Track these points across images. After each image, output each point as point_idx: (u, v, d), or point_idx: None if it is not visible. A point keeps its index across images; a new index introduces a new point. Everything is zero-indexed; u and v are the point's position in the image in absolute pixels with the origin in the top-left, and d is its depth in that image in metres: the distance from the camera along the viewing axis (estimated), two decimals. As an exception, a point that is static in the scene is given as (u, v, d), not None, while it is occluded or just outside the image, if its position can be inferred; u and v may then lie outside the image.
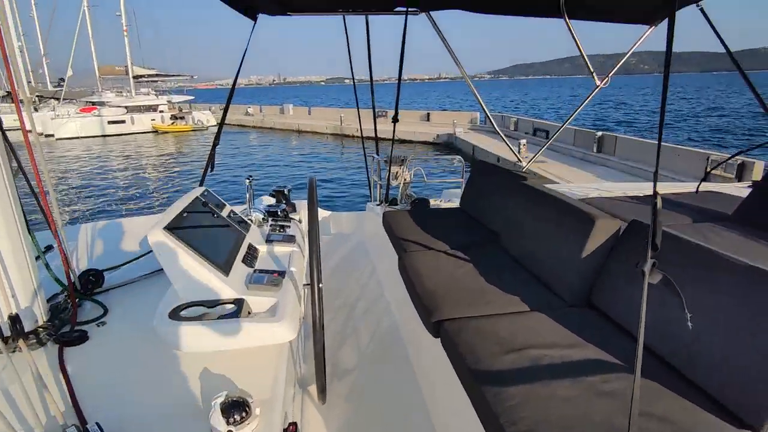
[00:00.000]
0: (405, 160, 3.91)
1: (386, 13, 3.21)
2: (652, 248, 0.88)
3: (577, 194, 4.02)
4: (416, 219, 3.16)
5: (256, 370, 1.39)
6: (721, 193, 3.71)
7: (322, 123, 29.21)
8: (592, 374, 1.46)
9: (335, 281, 3.39)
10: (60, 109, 29.49)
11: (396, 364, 2.36)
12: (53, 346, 1.53)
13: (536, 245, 2.31)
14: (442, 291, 2.07)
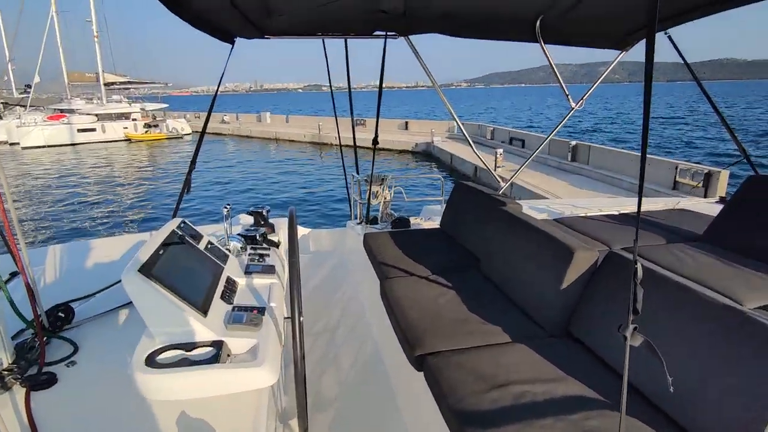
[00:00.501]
0: (385, 179, 3.90)
1: (365, 37, 3.22)
2: (633, 313, 0.89)
3: (554, 211, 4.08)
4: (397, 241, 3.15)
5: (236, 415, 1.35)
6: (692, 211, 3.82)
7: (300, 131, 29.08)
8: (574, 411, 1.47)
9: (315, 303, 3.35)
10: (26, 116, 28.49)
11: (378, 395, 2.34)
12: (19, 389, 1.45)
13: (516, 273, 2.33)
14: (424, 322, 2.06)
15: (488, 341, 1.94)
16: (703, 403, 1.35)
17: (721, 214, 3.11)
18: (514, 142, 18.24)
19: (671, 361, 1.48)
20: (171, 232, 1.95)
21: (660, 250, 2.84)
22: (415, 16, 2.93)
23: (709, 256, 2.71)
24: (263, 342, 1.59)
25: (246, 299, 1.90)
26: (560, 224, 3.49)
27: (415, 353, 1.88)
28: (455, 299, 2.28)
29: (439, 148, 20.11)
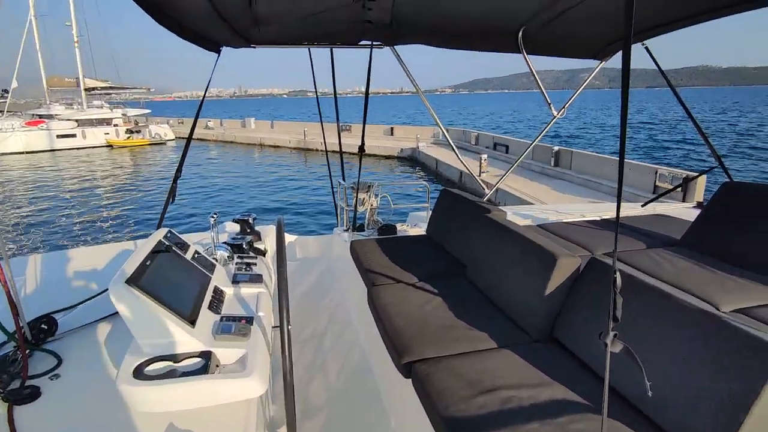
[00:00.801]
0: (371, 186, 3.93)
1: (351, 46, 3.25)
2: (613, 320, 0.92)
3: (538, 217, 4.16)
4: (384, 248, 3.17)
5: (225, 426, 1.36)
6: (671, 216, 3.93)
7: (286, 137, 28.98)
8: (559, 415, 1.50)
9: (302, 311, 3.35)
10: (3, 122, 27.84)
11: (367, 402, 2.35)
12: (2, 404, 1.43)
13: (501, 280, 2.37)
14: (411, 329, 2.08)
15: (475, 347, 1.97)
16: (681, 406, 1.40)
17: (698, 220, 3.21)
18: (498, 148, 18.46)
19: (652, 365, 1.53)
20: (158, 242, 1.95)
21: (640, 255, 2.91)
22: (401, 26, 2.98)
23: (686, 261, 2.79)
24: (252, 352, 1.59)
25: (234, 309, 1.91)
26: (544, 230, 3.56)
27: (403, 360, 1.90)
28: (442, 306, 2.31)
29: (424, 154, 20.24)
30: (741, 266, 2.70)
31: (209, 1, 2.00)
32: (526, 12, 2.88)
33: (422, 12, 2.80)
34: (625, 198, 10.43)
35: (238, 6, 2.17)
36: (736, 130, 35.19)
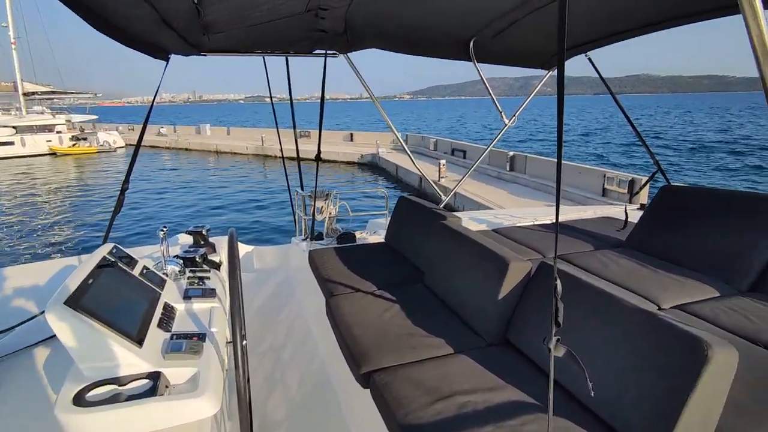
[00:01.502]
0: (330, 194, 3.91)
1: (306, 55, 3.24)
2: (555, 325, 0.96)
3: (493, 222, 4.27)
4: (342, 257, 3.16)
5: None
6: (617, 218, 4.13)
7: (243, 144, 28.37)
8: (512, 417, 1.54)
9: (260, 323, 3.28)
10: (-70, 130, 25.82)
11: (327, 414, 2.32)
12: None
13: (457, 285, 2.42)
14: (369, 338, 2.08)
15: (432, 354, 2.00)
16: (626, 404, 1.47)
17: (640, 222, 3.40)
18: (456, 153, 18.83)
19: (598, 364, 1.59)
20: (102, 258, 1.86)
21: (588, 256, 3.04)
22: (355, 35, 2.99)
23: (630, 261, 2.94)
24: (204, 370, 1.54)
25: (185, 326, 1.84)
26: (499, 234, 3.66)
27: (361, 371, 1.90)
28: (400, 314, 2.33)
29: (384, 160, 20.36)
30: (680, 264, 2.88)
31: (155, 9, 1.93)
32: (477, 22, 2.97)
33: (375, 21, 2.83)
34: (576, 201, 10.90)
35: (185, 15, 2.12)
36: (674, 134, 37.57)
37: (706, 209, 2.98)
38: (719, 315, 2.21)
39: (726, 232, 2.78)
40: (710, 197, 3.04)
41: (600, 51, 3.45)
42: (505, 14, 2.74)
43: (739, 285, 2.59)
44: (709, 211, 2.95)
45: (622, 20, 2.83)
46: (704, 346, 1.32)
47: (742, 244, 2.67)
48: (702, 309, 2.29)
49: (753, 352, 1.86)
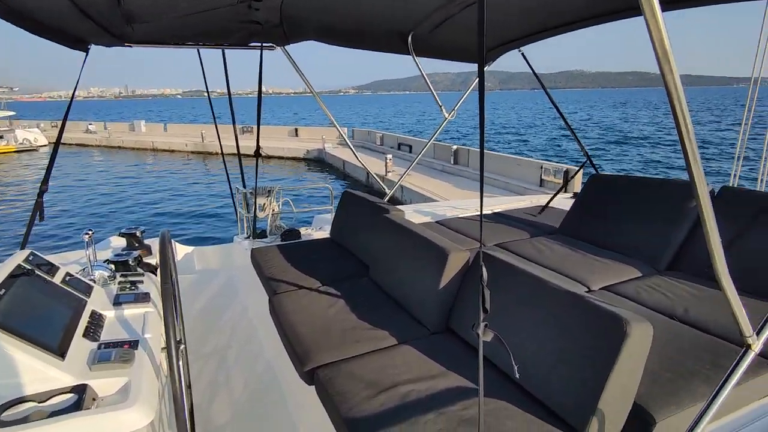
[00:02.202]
0: (272, 191, 3.83)
1: (241, 48, 3.13)
2: (483, 311, 1.00)
3: (437, 214, 4.36)
4: (286, 254, 3.11)
5: None
6: (552, 207, 4.35)
7: (181, 140, 27.09)
8: (454, 402, 1.59)
9: (203, 325, 3.16)
10: None
11: (274, 414, 2.29)
12: None
13: (400, 277, 2.45)
14: (313, 335, 2.07)
15: (377, 346, 2.01)
16: (555, 381, 1.56)
17: (572, 209, 3.60)
18: (402, 147, 19.05)
19: (529, 346, 1.68)
20: (16, 267, 1.71)
21: (524, 243, 3.19)
22: (291, 27, 2.93)
23: (563, 247, 3.11)
24: (136, 379, 1.47)
25: (116, 333, 1.74)
26: (442, 226, 3.74)
27: (305, 368, 1.89)
28: (344, 309, 2.33)
29: (331, 155, 20.20)
30: (608, 248, 3.08)
31: None
32: (414, 17, 3.00)
33: (311, 13, 2.79)
34: (515, 191, 11.36)
35: (102, 2, 1.98)
36: (603, 125, 40.05)
37: (629, 196, 3.21)
38: (641, 293, 2.39)
39: (647, 217, 3.01)
40: (633, 184, 3.27)
41: (537, 48, 3.60)
42: (440, 8, 2.78)
43: (658, 265, 2.81)
44: (633, 198, 3.18)
45: (553, 16, 2.96)
46: (623, 323, 1.43)
47: (660, 227, 2.90)
48: (626, 289, 2.47)
49: (669, 326, 2.03)
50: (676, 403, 1.55)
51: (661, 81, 0.97)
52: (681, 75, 0.96)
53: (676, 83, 0.95)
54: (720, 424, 1.66)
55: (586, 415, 1.43)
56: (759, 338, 1.39)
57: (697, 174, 1.10)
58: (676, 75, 0.95)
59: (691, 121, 1.02)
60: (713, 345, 1.87)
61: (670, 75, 0.94)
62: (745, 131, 4.31)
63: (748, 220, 2.57)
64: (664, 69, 0.94)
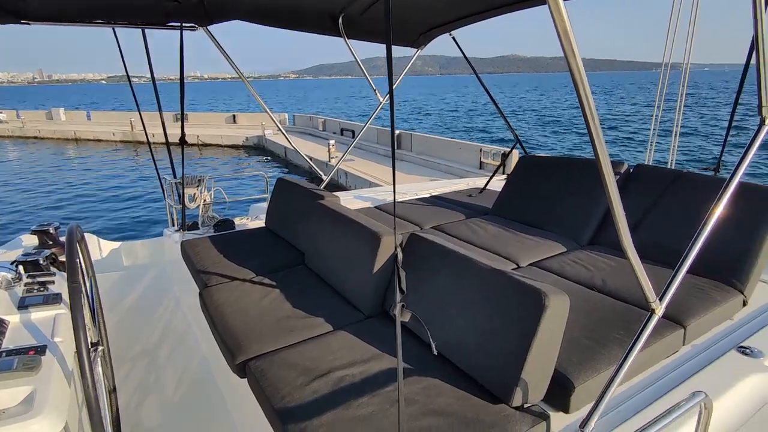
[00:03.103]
0: (202, 181, 3.66)
1: (158, 27, 2.93)
2: (399, 292, 1.01)
3: (377, 199, 4.36)
4: (218, 245, 2.99)
5: None
6: (490, 189, 4.48)
7: (108, 129, 25.27)
8: (388, 384, 1.61)
9: (132, 325, 3.00)
10: None
11: (209, 411, 2.22)
12: None
13: (336, 263, 2.43)
14: (245, 327, 2.01)
15: (312, 334, 1.99)
16: (483, 355, 1.61)
17: (503, 190, 3.73)
18: (345, 133, 18.88)
19: (459, 323, 1.72)
20: None
21: (459, 225, 3.27)
22: (213, 6, 2.77)
23: (496, 226, 3.22)
24: (43, 387, 1.36)
25: (20, 339, 1.60)
26: (380, 210, 3.75)
27: (236, 361, 1.83)
28: (279, 298, 2.28)
29: (272, 141, 19.65)
30: (537, 226, 3.23)
31: None
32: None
33: None
34: (456, 174, 11.64)
35: None
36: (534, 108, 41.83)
37: (556, 175, 3.37)
38: (564, 267, 2.53)
39: (571, 195, 3.18)
40: (559, 164, 3.43)
41: (474, 32, 3.64)
42: None
43: (581, 240, 2.98)
44: (559, 177, 3.34)
45: (477, 1, 3.01)
46: (542, 296, 1.50)
47: (583, 204, 3.07)
48: (551, 264, 2.60)
49: (588, 296, 2.17)
50: (593, 367, 1.66)
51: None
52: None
53: (579, 69, 0.99)
54: (632, 384, 1.80)
55: (510, 385, 1.50)
56: (662, 303, 1.51)
57: (601, 152, 1.15)
58: (579, 60, 0.99)
59: (594, 104, 1.06)
60: (627, 312, 2.01)
61: (574, 60, 0.98)
62: (658, 114, 4.64)
63: (658, 194, 2.78)
64: (568, 55, 0.97)
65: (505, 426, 1.42)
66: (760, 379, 1.81)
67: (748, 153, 1.69)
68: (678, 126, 4.51)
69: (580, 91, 1.02)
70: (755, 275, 2.27)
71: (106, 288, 3.32)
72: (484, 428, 1.41)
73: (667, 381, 1.81)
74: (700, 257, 1.76)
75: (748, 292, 2.26)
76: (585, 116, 1.07)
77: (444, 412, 1.46)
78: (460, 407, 1.49)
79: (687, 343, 2.01)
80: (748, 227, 2.34)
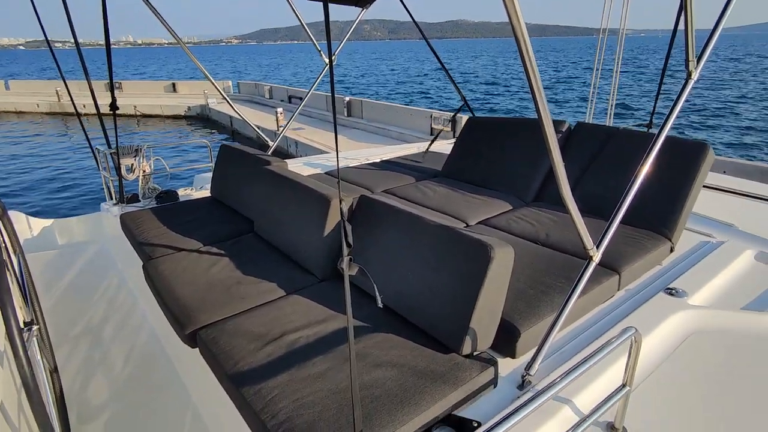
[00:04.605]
0: (140, 150, 3.45)
1: None
2: (347, 246, 1.00)
3: (327, 165, 4.30)
4: (162, 217, 2.86)
5: None
6: (439, 152, 4.52)
7: (31, 100, 23.11)
8: (341, 343, 1.63)
9: (72, 304, 2.84)
10: None
11: (162, 384, 2.17)
12: None
13: (286, 228, 2.39)
14: (194, 297, 1.96)
15: (264, 300, 1.97)
16: (434, 308, 1.66)
17: (452, 152, 3.77)
18: (294, 101, 18.29)
19: (410, 279, 1.76)
20: None
21: (410, 188, 3.29)
22: None
23: (445, 188, 3.27)
24: None
25: None
26: (331, 176, 3.71)
27: (186, 331, 1.79)
28: (228, 267, 2.23)
29: (216, 111, 18.73)
30: (485, 186, 3.31)
31: None
32: None
33: None
34: (408, 140, 11.65)
35: None
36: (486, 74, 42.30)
37: (502, 136, 3.44)
38: (511, 224, 2.63)
39: (517, 155, 3.27)
40: (504, 125, 3.50)
41: None
42: None
43: (526, 197, 3.10)
44: (504, 137, 3.41)
45: None
46: (488, 249, 1.55)
47: (527, 164, 3.17)
48: (499, 221, 2.69)
49: (533, 250, 2.27)
50: (537, 314, 1.76)
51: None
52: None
53: (523, 33, 1.02)
54: (573, 327, 1.92)
55: (459, 335, 1.56)
56: (599, 250, 1.61)
57: (543, 112, 1.19)
58: (523, 25, 1.02)
59: (537, 64, 1.10)
60: (568, 262, 2.13)
61: (517, 22, 1.01)
62: (596, 75, 4.82)
63: (596, 150, 2.91)
64: (512, 18, 1.00)
65: (456, 373, 1.49)
66: (684, 316, 1.98)
67: (676, 106, 1.79)
68: (615, 86, 4.71)
69: (524, 54, 1.05)
70: (681, 224, 2.45)
71: (39, 268, 3.12)
72: (436, 377, 1.46)
73: (603, 323, 1.95)
74: (632, 208, 1.88)
75: (675, 240, 2.44)
76: (528, 78, 1.10)
77: (397, 363, 1.51)
78: (413, 358, 1.54)
79: (621, 288, 2.16)
80: (675, 179, 2.51)
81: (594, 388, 1.58)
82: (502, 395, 1.55)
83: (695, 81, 1.85)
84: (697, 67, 1.83)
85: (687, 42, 1.81)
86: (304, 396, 1.37)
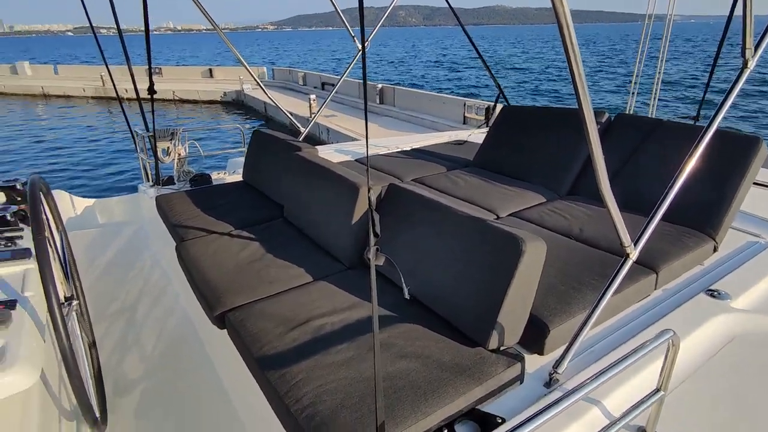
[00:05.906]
0: (175, 134, 3.52)
1: None
2: (374, 236, 0.99)
3: (357, 152, 4.29)
4: (195, 199, 2.93)
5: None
6: (471, 141, 4.43)
7: (78, 84, 24.08)
8: (366, 331, 1.63)
9: (110, 282, 2.96)
10: None
11: (191, 363, 2.24)
12: None
13: (315, 215, 2.40)
14: (224, 279, 2.00)
15: (291, 285, 1.99)
16: (460, 299, 1.63)
17: (485, 142, 3.69)
18: (327, 87, 18.34)
19: (438, 270, 1.73)
20: None
21: (440, 177, 3.24)
22: None
23: (477, 178, 3.21)
24: (14, 340, 1.33)
25: None
26: (360, 164, 3.70)
27: (215, 312, 1.83)
28: (259, 251, 2.26)
29: (251, 97, 19.03)
30: (517, 177, 3.22)
31: None
32: None
33: None
34: (440, 129, 11.50)
35: None
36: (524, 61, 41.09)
37: (536, 126, 3.33)
38: (543, 217, 2.55)
39: (552, 146, 3.16)
40: (539, 115, 3.39)
41: None
42: None
43: (559, 190, 3.00)
44: (539, 128, 3.30)
45: None
46: (519, 242, 1.50)
47: (563, 156, 3.06)
48: (531, 214, 2.62)
49: (566, 244, 2.20)
50: (568, 311, 1.70)
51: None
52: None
53: (566, 18, 0.97)
54: (605, 326, 1.85)
55: (487, 329, 1.53)
56: (636, 247, 1.53)
57: (584, 101, 1.13)
58: (567, 10, 0.97)
59: (580, 52, 1.05)
60: (602, 258, 2.05)
61: (561, 8, 0.96)
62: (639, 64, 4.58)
63: (638, 143, 2.78)
64: (556, 5, 0.95)
65: (481, 367, 1.46)
66: (725, 319, 1.88)
67: (729, 97, 1.67)
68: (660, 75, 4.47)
69: (566, 41, 1.01)
70: (727, 222, 2.32)
71: (82, 246, 3.26)
72: (461, 370, 1.44)
73: (638, 323, 1.87)
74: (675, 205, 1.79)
75: (719, 239, 2.31)
76: (570, 65, 1.05)
77: (421, 355, 1.49)
78: (438, 350, 1.52)
79: (659, 288, 2.07)
80: (722, 175, 2.36)
81: (625, 390, 1.52)
82: (527, 392, 1.52)
83: (750, 70, 1.73)
84: (754, 56, 1.71)
85: (744, 27, 1.68)
86: (328, 383, 1.38)
